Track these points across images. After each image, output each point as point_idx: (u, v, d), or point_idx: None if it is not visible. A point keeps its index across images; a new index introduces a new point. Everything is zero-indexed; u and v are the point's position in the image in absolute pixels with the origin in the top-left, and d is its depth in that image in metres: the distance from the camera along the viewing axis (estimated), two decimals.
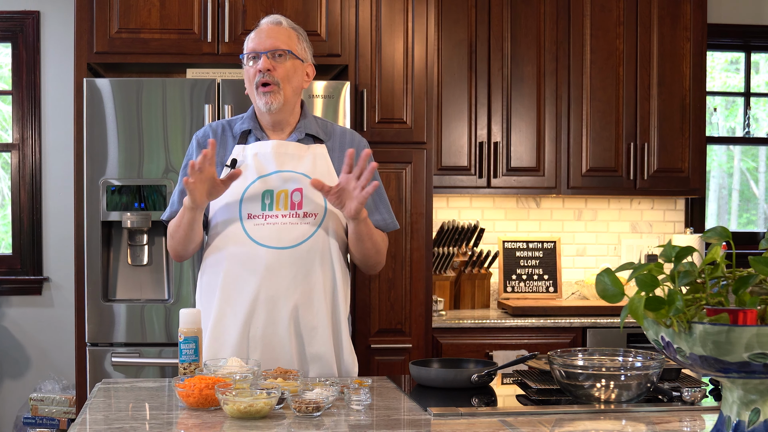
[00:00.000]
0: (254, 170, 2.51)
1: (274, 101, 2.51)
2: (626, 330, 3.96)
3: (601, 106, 4.28)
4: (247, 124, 2.59)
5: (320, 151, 2.57)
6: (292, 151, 2.54)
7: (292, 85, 2.55)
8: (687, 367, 1.53)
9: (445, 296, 4.28)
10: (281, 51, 2.53)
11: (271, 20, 2.58)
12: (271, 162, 2.52)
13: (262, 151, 2.53)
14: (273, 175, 2.51)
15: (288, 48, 2.54)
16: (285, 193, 2.49)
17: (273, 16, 2.60)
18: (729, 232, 1.56)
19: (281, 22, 2.57)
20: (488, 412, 2.06)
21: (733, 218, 5.16)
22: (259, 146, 2.54)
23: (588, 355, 2.23)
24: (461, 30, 4.20)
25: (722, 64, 5.08)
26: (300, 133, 2.58)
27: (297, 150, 2.55)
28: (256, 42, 2.54)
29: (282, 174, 2.51)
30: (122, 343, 3.55)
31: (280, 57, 2.53)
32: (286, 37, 2.55)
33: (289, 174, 2.51)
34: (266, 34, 2.54)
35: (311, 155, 2.55)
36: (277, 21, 2.57)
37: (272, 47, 2.52)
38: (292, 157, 2.53)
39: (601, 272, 1.54)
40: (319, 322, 2.50)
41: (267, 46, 2.52)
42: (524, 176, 4.26)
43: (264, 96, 2.51)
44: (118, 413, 2.05)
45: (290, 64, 2.54)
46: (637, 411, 2.07)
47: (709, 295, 1.50)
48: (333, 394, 2.03)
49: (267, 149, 2.53)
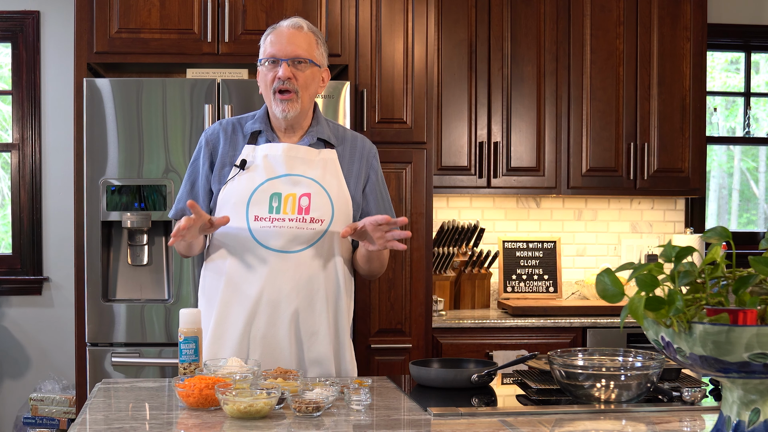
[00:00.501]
0: (263, 172, 2.50)
1: (291, 109, 2.50)
2: (626, 330, 3.96)
3: (601, 106, 4.28)
4: (259, 124, 2.57)
5: (331, 156, 2.56)
6: (302, 155, 2.52)
7: (309, 92, 2.53)
8: (687, 367, 1.53)
9: (445, 296, 4.27)
10: (302, 59, 2.50)
11: (292, 24, 2.52)
12: (281, 165, 2.50)
13: (272, 153, 2.51)
14: (282, 178, 2.49)
15: (309, 56, 2.51)
16: (293, 197, 2.48)
17: (294, 18, 2.54)
18: (729, 232, 1.56)
19: (302, 26, 2.52)
20: (488, 412, 2.06)
21: (733, 218, 5.15)
22: (270, 148, 2.52)
23: (588, 355, 2.23)
24: (461, 30, 4.19)
25: (722, 64, 5.08)
26: (312, 138, 2.56)
27: (307, 154, 2.53)
28: (277, 47, 2.50)
29: (291, 177, 2.49)
30: (122, 343, 3.55)
31: (300, 65, 2.50)
32: (307, 44, 2.51)
33: (299, 178, 2.50)
34: (287, 40, 2.49)
35: (321, 160, 2.54)
36: (298, 25, 2.52)
37: (293, 54, 2.49)
38: (302, 161, 2.52)
39: (601, 272, 1.54)
40: (320, 327, 2.50)
41: (288, 53, 2.49)
42: (524, 176, 4.25)
43: (282, 103, 2.49)
44: (118, 413, 2.05)
45: (309, 72, 2.52)
46: (637, 411, 2.06)
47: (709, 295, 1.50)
48: (333, 394, 2.03)
49: (277, 152, 2.51)
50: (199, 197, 2.57)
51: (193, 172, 2.60)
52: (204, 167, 2.57)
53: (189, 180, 2.61)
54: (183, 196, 2.61)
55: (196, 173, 2.60)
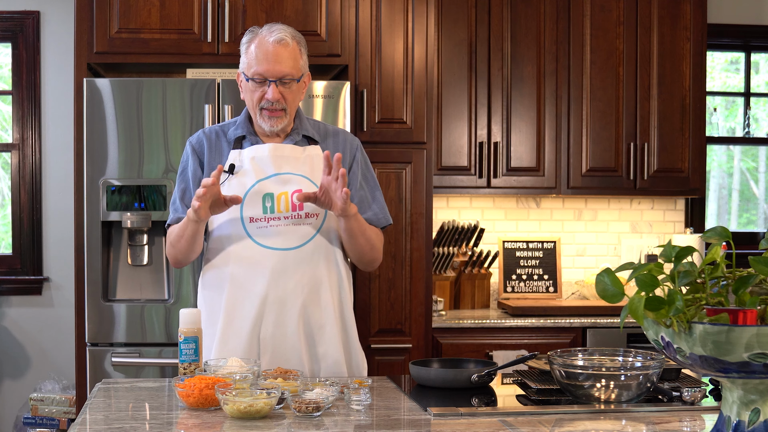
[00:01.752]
0: (253, 174, 2.51)
1: (279, 124, 2.54)
2: (626, 330, 3.96)
3: (601, 106, 4.28)
4: (241, 129, 2.59)
5: (316, 152, 2.58)
6: (288, 154, 2.55)
7: (296, 105, 2.58)
8: (687, 367, 1.53)
9: (445, 296, 4.28)
10: (289, 78, 2.51)
11: (278, 39, 2.49)
12: (269, 165, 2.52)
13: (259, 155, 2.53)
14: (272, 177, 2.51)
15: (296, 73, 2.52)
16: (285, 195, 2.50)
17: (278, 32, 2.50)
18: (729, 232, 1.56)
19: (287, 42, 2.50)
20: (488, 412, 2.06)
21: (733, 218, 5.15)
22: (256, 150, 2.54)
23: (588, 355, 2.23)
24: (461, 30, 4.19)
25: (722, 64, 5.08)
26: (297, 135, 2.60)
27: (293, 152, 2.56)
28: (265, 67, 2.49)
29: (281, 176, 2.52)
30: (122, 343, 3.55)
31: (287, 84, 2.51)
32: (293, 60, 2.51)
33: (288, 176, 2.52)
34: (274, 58, 2.49)
35: (308, 157, 2.57)
36: (283, 41, 2.50)
37: (281, 74, 2.50)
38: (289, 159, 2.54)
39: (601, 272, 1.54)
40: (327, 319, 2.52)
41: (275, 73, 2.49)
42: (524, 176, 4.25)
43: (269, 120, 2.53)
44: (118, 413, 2.05)
45: (296, 87, 2.55)
46: (637, 411, 2.07)
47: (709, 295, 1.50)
48: (333, 394, 2.03)
49: (264, 153, 2.53)
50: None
51: (184, 179, 2.61)
52: (195, 173, 2.58)
53: (181, 187, 2.61)
54: (179, 204, 2.60)
55: (187, 179, 2.60)
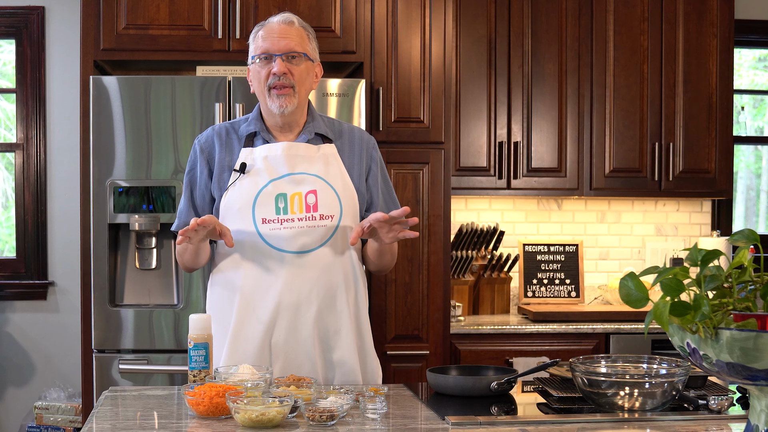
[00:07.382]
0: (265, 173, 2.50)
1: (289, 104, 2.51)
2: (651, 336, 3.95)
3: (624, 104, 4.27)
4: (254, 126, 2.58)
5: (330, 151, 2.57)
6: (302, 153, 2.53)
7: (305, 87, 2.55)
8: (713, 374, 1.53)
9: (464, 301, 4.27)
10: (296, 53, 2.51)
11: (283, 19, 2.54)
12: (283, 164, 2.50)
13: (272, 154, 2.51)
14: (285, 177, 2.50)
15: (302, 50, 2.53)
16: (299, 196, 2.48)
17: (284, 14, 2.57)
18: (757, 235, 1.57)
19: (293, 21, 2.55)
20: (508, 420, 2.07)
21: (761, 220, 5.15)
22: (269, 149, 2.52)
23: (611, 362, 2.25)
24: (480, 26, 4.18)
25: (750, 61, 5.07)
26: (309, 134, 2.58)
27: (307, 151, 2.54)
28: (269, 42, 2.51)
29: (294, 176, 2.50)
30: (130, 350, 3.54)
31: (294, 59, 2.51)
32: (300, 38, 2.54)
33: (302, 176, 2.50)
34: (279, 35, 2.51)
35: (322, 156, 2.55)
36: (288, 20, 2.54)
37: (287, 49, 2.50)
38: (303, 158, 2.53)
39: (624, 276, 1.55)
40: (342, 325, 2.51)
41: (281, 47, 2.50)
42: (545, 177, 4.24)
43: (279, 98, 2.50)
44: (126, 422, 2.05)
45: (304, 66, 2.54)
46: (662, 420, 2.07)
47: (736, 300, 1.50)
48: (348, 402, 2.04)
49: (277, 152, 2.51)
50: (199, 207, 2.57)
51: (191, 182, 2.61)
52: (202, 175, 2.57)
53: (188, 191, 2.61)
54: (184, 208, 2.61)
55: (194, 183, 2.60)
